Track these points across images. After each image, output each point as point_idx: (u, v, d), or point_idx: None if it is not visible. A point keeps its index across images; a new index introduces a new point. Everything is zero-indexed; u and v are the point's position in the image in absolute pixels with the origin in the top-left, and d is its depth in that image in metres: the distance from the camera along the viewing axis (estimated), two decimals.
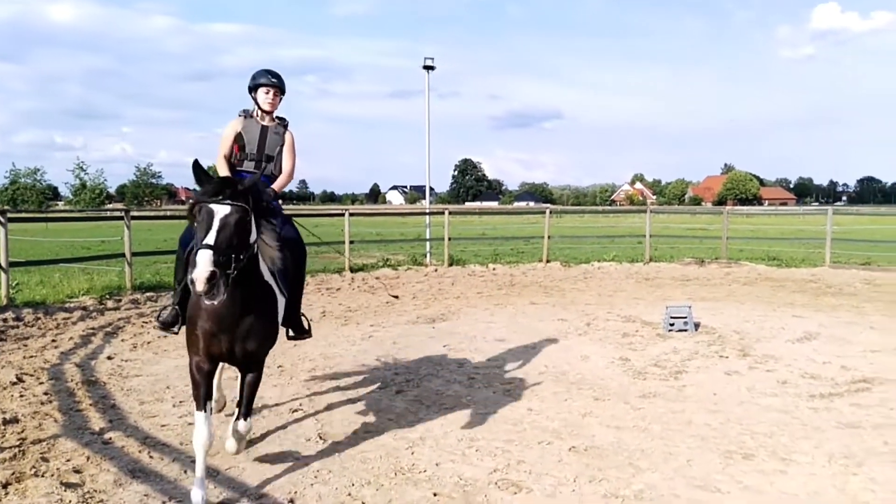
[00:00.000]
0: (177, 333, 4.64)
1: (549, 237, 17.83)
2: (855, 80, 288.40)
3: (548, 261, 17.19)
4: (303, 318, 5.10)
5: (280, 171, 5.08)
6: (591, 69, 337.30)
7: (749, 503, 3.99)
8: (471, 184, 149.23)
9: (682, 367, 7.11)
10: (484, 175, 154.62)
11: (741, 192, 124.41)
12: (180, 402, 5.92)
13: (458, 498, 4.08)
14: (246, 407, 4.32)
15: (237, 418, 4.33)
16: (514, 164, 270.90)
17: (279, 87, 5.02)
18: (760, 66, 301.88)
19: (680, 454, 4.72)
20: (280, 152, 5.07)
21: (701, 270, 16.28)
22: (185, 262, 4.27)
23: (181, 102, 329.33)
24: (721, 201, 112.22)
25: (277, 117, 5.13)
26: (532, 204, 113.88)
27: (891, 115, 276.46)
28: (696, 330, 8.87)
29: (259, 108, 5.03)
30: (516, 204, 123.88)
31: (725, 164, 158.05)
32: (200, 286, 3.38)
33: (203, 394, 4.05)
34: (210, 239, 3.50)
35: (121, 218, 13.16)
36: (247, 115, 5.05)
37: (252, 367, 4.24)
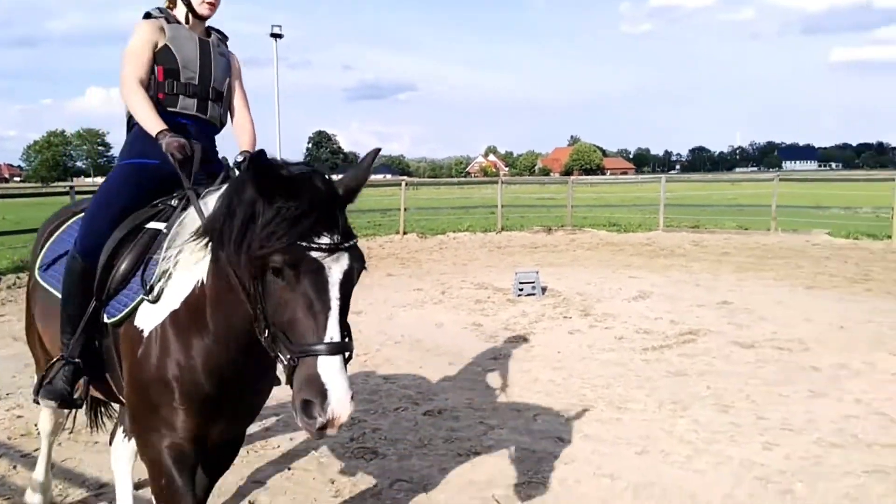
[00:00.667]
0: (80, 408, 2.85)
1: (405, 209, 17.88)
2: (687, 55, 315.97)
3: (404, 233, 17.27)
4: None
5: (231, 119, 3.18)
6: (443, 42, 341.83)
7: (589, 450, 4.29)
8: (326, 157, 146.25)
9: (529, 329, 7.47)
10: (339, 148, 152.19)
11: (586, 162, 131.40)
12: (7, 394, 5.44)
13: (314, 469, 4.08)
14: None
15: None
16: (370, 137, 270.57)
17: None
18: (603, 42, 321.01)
19: (527, 410, 4.98)
20: (230, 86, 3.10)
21: (548, 238, 16.97)
22: (81, 286, 2.60)
23: (2, 71, 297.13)
24: (568, 172, 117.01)
25: (212, 28, 3.10)
26: (388, 177, 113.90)
27: (719, 88, 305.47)
28: (544, 294, 9.33)
29: (190, 7, 2.90)
30: (373, 177, 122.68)
31: (572, 136, 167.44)
32: (335, 431, 1.84)
33: None
34: (334, 330, 1.85)
35: None
36: (168, 18, 2.90)
37: (242, 435, 2.68)
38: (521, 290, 9.27)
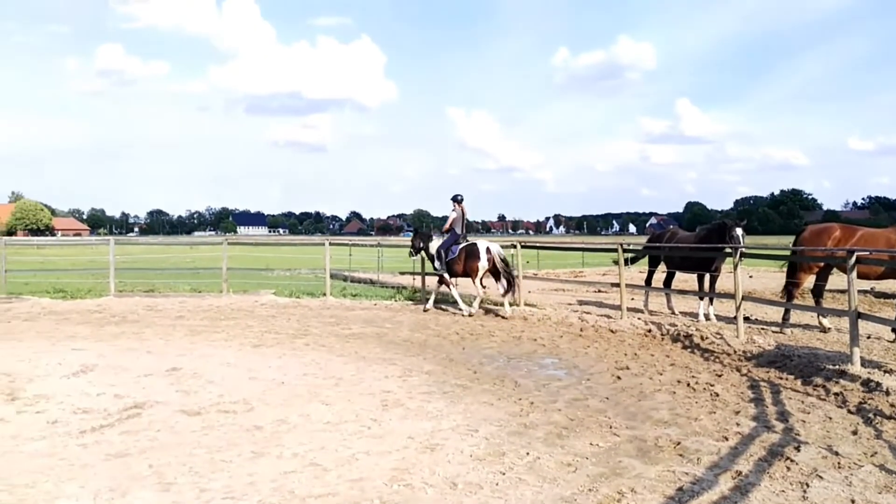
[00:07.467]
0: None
1: None
2: (142, 119, 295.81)
3: None
4: None
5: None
6: None
7: None
8: None
9: None
10: None
11: (32, 221, 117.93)
12: None
13: None
14: None
15: None
16: None
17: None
18: (50, 95, 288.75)
19: None
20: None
21: None
22: None
23: None
24: (11, 231, 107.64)
25: None
26: None
27: (176, 153, 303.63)
28: None
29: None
30: None
31: (13, 193, 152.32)
32: None
33: None
34: None
35: None
36: None
37: None
38: None
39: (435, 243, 14.61)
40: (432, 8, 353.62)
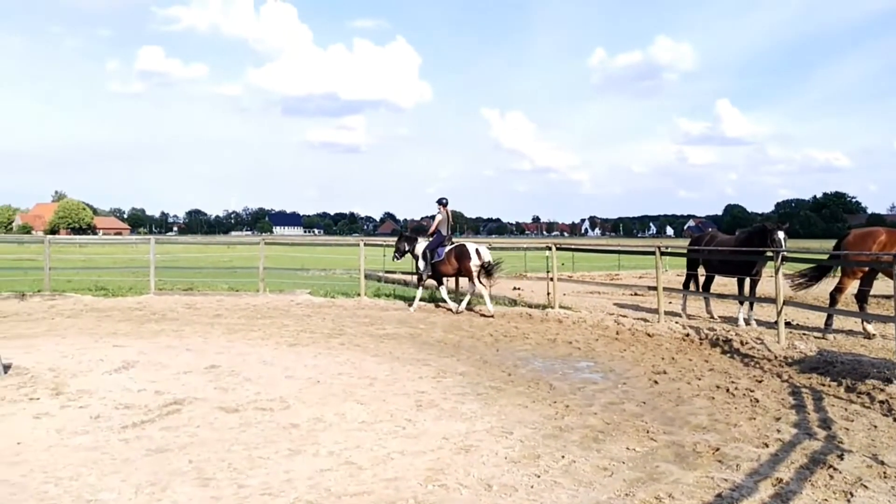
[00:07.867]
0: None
1: None
2: (181, 120, 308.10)
3: None
4: None
5: None
6: None
7: None
8: None
9: None
10: None
11: (74, 220, 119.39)
12: None
13: None
14: None
15: None
16: None
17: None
18: (90, 96, 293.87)
19: None
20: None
21: (22, 305, 15.05)
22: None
23: None
24: (54, 230, 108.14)
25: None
26: None
27: (214, 154, 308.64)
28: (6, 373, 7.84)
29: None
30: None
31: (56, 192, 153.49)
32: None
33: None
34: None
35: None
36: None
37: None
38: None
39: (420, 245, 14.99)
40: (468, 9, 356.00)
